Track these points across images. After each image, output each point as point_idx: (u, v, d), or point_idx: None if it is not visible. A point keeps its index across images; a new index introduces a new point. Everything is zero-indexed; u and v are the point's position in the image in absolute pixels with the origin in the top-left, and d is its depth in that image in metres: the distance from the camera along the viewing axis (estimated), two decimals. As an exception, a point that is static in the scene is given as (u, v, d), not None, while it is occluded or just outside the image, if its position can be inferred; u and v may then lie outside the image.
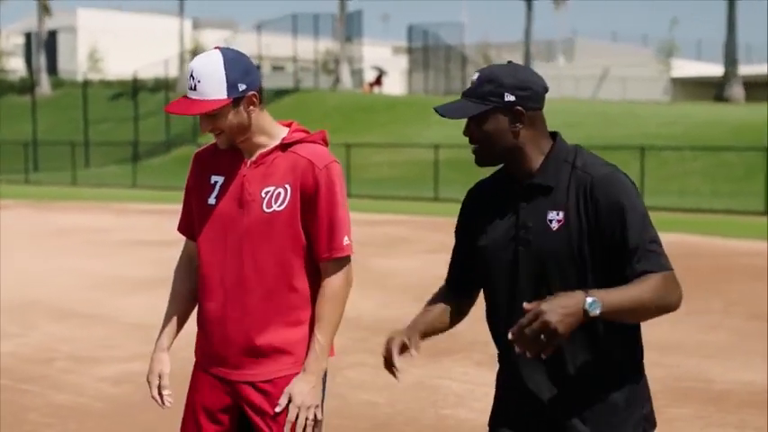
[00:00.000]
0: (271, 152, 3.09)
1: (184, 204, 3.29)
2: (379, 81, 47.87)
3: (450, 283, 3.01)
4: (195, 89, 2.98)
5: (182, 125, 39.19)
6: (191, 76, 2.99)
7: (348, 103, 39.69)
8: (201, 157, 3.24)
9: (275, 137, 3.11)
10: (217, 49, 3.05)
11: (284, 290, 3.07)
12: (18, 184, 33.55)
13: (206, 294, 3.15)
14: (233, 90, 2.99)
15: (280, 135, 3.11)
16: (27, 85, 49.76)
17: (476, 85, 2.73)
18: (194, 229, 3.21)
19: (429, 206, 23.35)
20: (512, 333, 2.51)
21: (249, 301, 3.07)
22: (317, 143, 3.13)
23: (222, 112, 3.00)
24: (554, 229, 2.69)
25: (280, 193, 3.05)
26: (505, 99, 2.69)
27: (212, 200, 3.13)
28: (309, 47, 46.49)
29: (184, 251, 3.31)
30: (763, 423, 6.07)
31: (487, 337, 3.03)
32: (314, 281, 3.10)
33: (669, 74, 53.91)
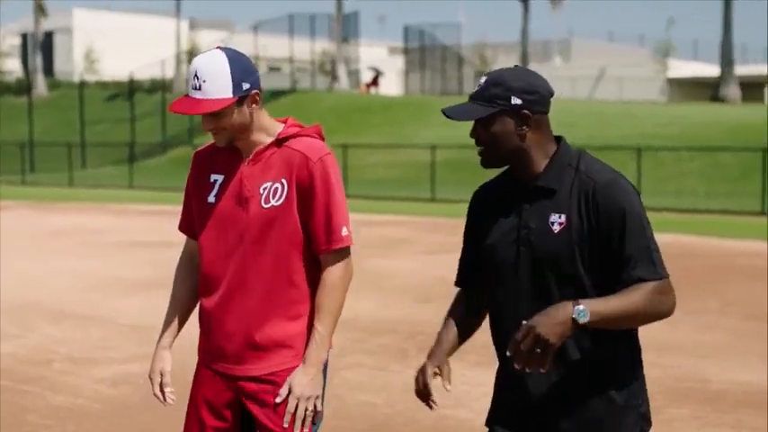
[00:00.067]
0: (267, 148, 3.10)
1: (184, 203, 3.30)
2: (375, 82, 47.89)
3: (462, 282, 3.04)
4: (200, 89, 2.98)
5: (178, 126, 39.17)
6: (195, 75, 2.99)
7: (345, 104, 39.68)
8: (201, 156, 3.26)
9: (273, 134, 3.13)
10: (218, 48, 3.06)
11: (284, 284, 3.09)
12: (15, 186, 33.53)
13: (207, 291, 3.17)
14: (238, 89, 3.00)
15: (276, 131, 3.13)
16: (23, 86, 49.75)
17: (483, 87, 2.76)
18: (195, 228, 3.23)
19: (426, 207, 23.36)
20: (509, 350, 2.59)
21: (250, 297, 3.09)
22: (311, 137, 3.14)
23: (227, 111, 3.01)
24: (555, 232, 2.72)
25: (277, 188, 3.07)
26: (512, 102, 2.72)
27: (212, 198, 3.15)
28: (306, 47, 46.50)
29: (185, 250, 3.33)
30: (759, 423, 6.09)
31: (485, 339, 3.05)
32: (313, 275, 3.11)
33: (666, 74, 53.95)
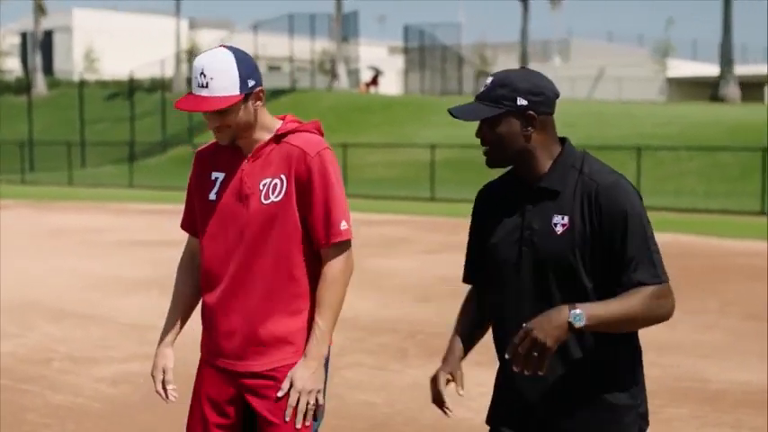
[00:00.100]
0: (266, 145, 3.12)
1: (186, 202, 3.32)
2: (375, 81, 47.89)
3: (469, 279, 3.05)
4: (207, 86, 2.99)
5: (178, 125, 39.17)
6: (201, 73, 2.99)
7: (344, 104, 39.68)
8: (202, 155, 3.28)
9: (272, 131, 3.14)
10: (222, 47, 3.07)
11: (285, 280, 3.10)
12: (14, 185, 33.52)
13: (209, 287, 3.18)
14: (244, 86, 3.02)
15: (276, 128, 3.15)
16: (23, 86, 49.73)
17: (489, 88, 2.78)
18: (196, 226, 3.24)
19: (425, 206, 23.37)
20: (507, 353, 2.62)
21: (251, 293, 3.10)
22: (310, 132, 3.16)
23: (233, 108, 3.03)
24: (558, 233, 2.74)
25: (276, 184, 3.09)
26: (518, 103, 2.74)
27: (213, 195, 3.17)
28: (306, 47, 46.52)
29: (187, 248, 3.34)
30: (758, 423, 6.10)
31: (485, 338, 3.05)
32: (314, 270, 3.12)
33: (665, 74, 53.95)
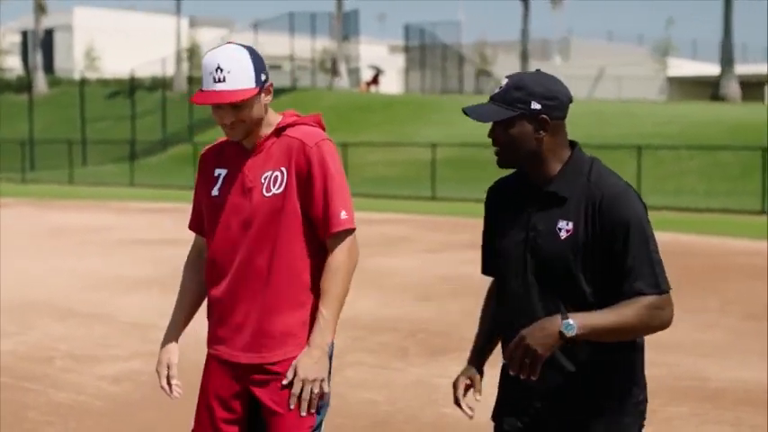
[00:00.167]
0: (267, 138, 3.16)
1: (194, 203, 3.36)
2: (375, 80, 47.88)
3: (487, 269, 3.07)
4: (224, 80, 3.02)
5: (179, 124, 39.18)
6: (217, 68, 3.02)
7: (345, 102, 39.67)
8: (207, 155, 3.33)
9: (274, 125, 3.18)
10: (230, 43, 3.12)
11: (288, 273, 3.12)
12: (15, 183, 33.53)
13: (213, 281, 3.21)
14: (259, 80, 3.07)
15: (277, 123, 3.19)
16: (24, 84, 49.72)
17: (504, 90, 2.81)
18: (204, 226, 3.28)
19: (426, 205, 23.38)
20: (503, 357, 2.70)
21: (255, 286, 3.12)
22: (309, 125, 3.19)
23: (249, 102, 3.07)
24: (562, 238, 2.77)
25: (277, 176, 3.12)
26: (532, 107, 2.77)
27: (216, 191, 3.21)
28: (306, 46, 46.50)
29: (194, 246, 3.38)
30: (758, 421, 6.11)
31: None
32: (318, 262, 3.14)
33: (665, 73, 53.98)
